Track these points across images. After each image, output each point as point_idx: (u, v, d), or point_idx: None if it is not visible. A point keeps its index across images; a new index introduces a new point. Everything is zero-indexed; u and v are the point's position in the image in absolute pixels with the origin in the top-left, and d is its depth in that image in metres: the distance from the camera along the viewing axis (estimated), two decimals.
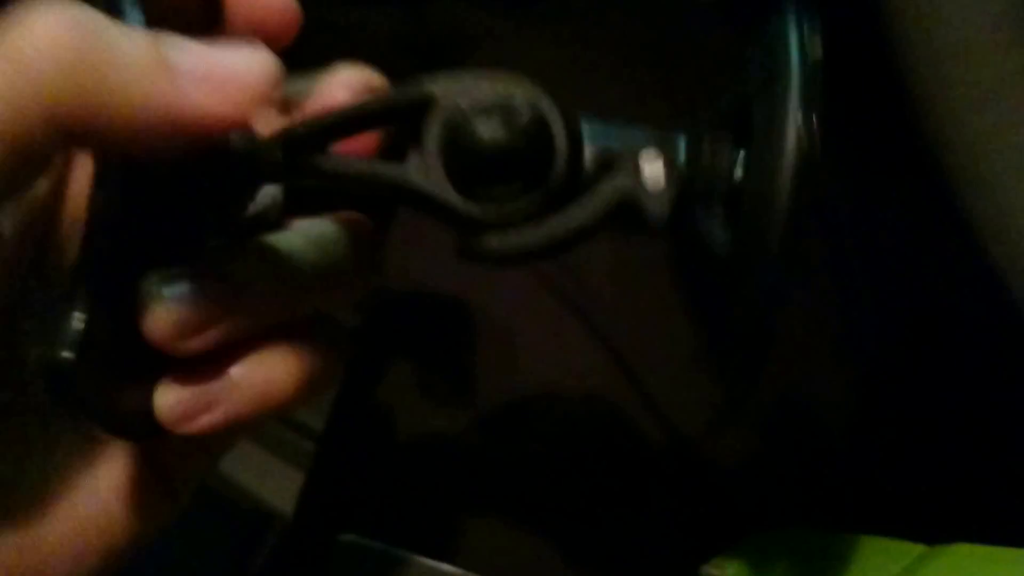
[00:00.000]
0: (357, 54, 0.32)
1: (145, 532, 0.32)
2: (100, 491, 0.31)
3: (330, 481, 0.50)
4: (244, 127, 0.25)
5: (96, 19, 0.24)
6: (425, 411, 0.49)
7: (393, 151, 0.30)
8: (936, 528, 0.38)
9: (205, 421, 0.29)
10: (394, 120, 0.30)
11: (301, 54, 0.30)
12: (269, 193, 0.33)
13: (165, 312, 0.28)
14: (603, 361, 0.48)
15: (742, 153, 0.28)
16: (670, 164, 0.29)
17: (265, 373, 0.29)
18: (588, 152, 0.29)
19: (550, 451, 0.47)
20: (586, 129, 0.29)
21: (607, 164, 0.29)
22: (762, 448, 0.47)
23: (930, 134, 0.39)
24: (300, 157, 0.29)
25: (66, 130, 0.24)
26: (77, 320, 0.26)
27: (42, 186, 0.30)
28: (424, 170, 0.29)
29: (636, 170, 0.29)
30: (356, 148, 0.31)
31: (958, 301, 0.49)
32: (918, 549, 0.38)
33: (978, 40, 0.37)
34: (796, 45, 0.27)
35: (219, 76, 0.24)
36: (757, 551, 0.43)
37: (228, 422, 0.29)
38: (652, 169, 0.29)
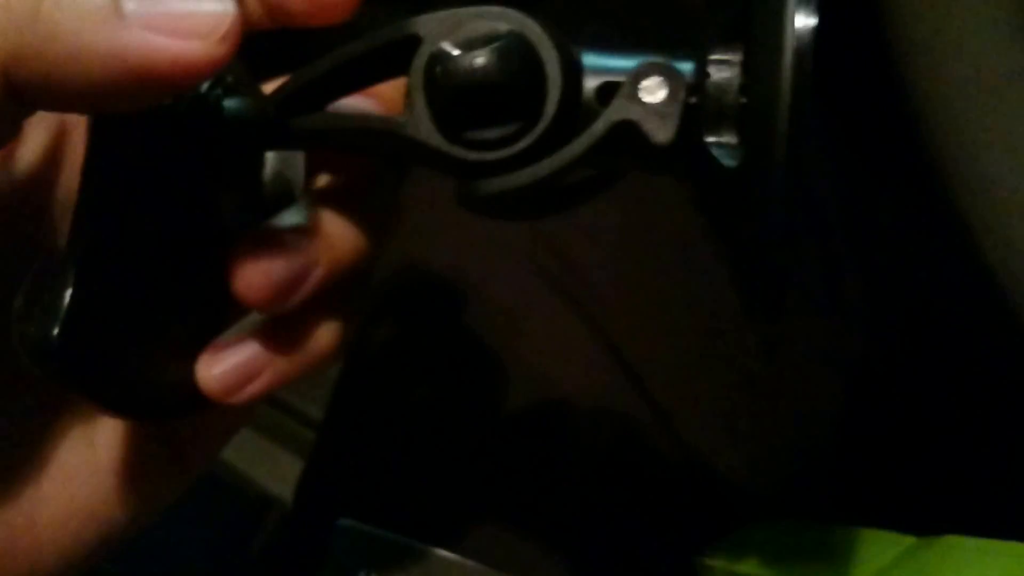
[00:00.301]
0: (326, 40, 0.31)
1: (147, 512, 0.31)
2: (100, 472, 0.30)
3: (329, 467, 0.50)
4: (205, 70, 0.24)
5: None
6: (423, 400, 0.49)
7: None
8: (926, 520, 0.38)
9: (252, 389, 0.29)
10: (384, 66, 0.28)
11: (301, 58, 0.29)
12: (288, 165, 0.32)
13: (265, 270, 0.28)
14: (601, 355, 0.48)
15: None
16: (674, 86, 0.26)
17: (312, 337, 0.30)
18: (589, 84, 0.27)
19: (546, 442, 0.47)
20: (586, 60, 0.28)
21: (609, 95, 0.27)
22: (754, 442, 0.48)
23: (927, 135, 0.38)
24: (294, 117, 0.29)
25: (16, 88, 0.23)
26: (65, 296, 0.26)
27: (33, 164, 0.30)
28: (412, 117, 0.27)
29: (637, 95, 0.26)
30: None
31: (948, 299, 0.49)
32: (908, 540, 0.38)
33: (977, 40, 0.37)
34: None
35: (171, 16, 0.23)
36: (749, 543, 0.43)
37: (271, 388, 0.29)
38: (654, 92, 0.26)
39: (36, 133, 0.30)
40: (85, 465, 0.30)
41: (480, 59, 0.26)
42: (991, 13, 0.37)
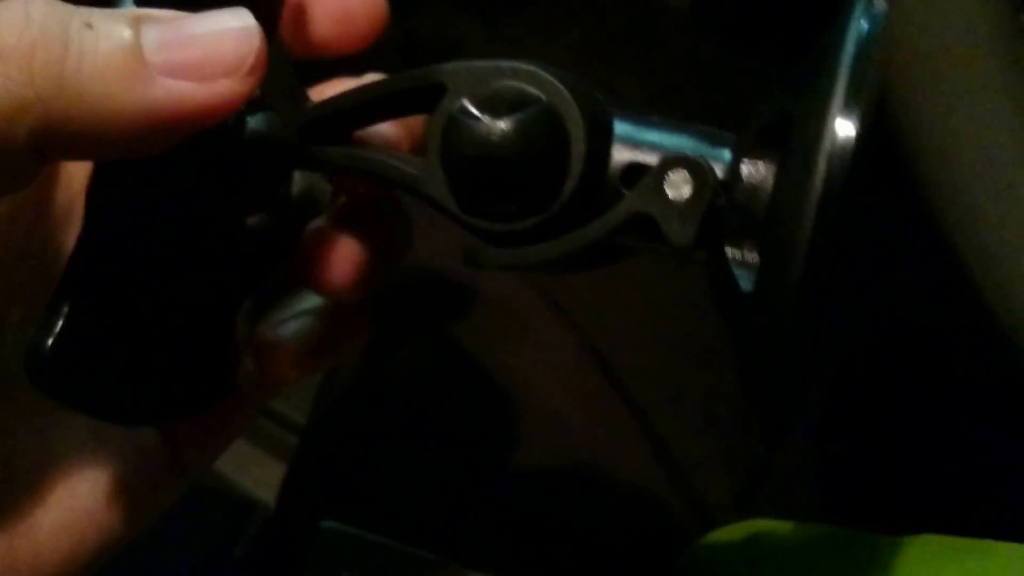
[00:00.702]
0: (341, 58, 0.31)
1: (146, 518, 0.31)
2: (100, 480, 0.30)
3: (312, 470, 0.50)
4: (235, 106, 0.23)
5: (60, 19, 0.22)
6: (406, 403, 0.49)
7: None
8: (903, 519, 0.38)
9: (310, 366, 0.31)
10: (408, 107, 0.27)
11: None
12: (318, 178, 0.32)
13: (353, 259, 0.29)
14: (584, 360, 0.49)
15: None
16: (700, 185, 0.24)
17: (353, 326, 0.32)
18: (617, 158, 0.26)
19: (529, 445, 0.47)
20: (619, 128, 0.26)
21: (634, 179, 0.25)
22: (732, 441, 0.48)
23: (901, 137, 0.39)
24: (315, 145, 0.28)
25: (44, 149, 0.22)
26: (62, 310, 0.25)
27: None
28: (428, 173, 0.26)
29: (661, 188, 0.24)
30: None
31: (924, 301, 0.49)
32: (885, 540, 0.38)
33: (950, 42, 0.37)
34: (852, 37, 0.22)
35: (195, 56, 0.23)
36: (728, 543, 0.43)
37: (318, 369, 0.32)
38: (679, 188, 0.24)
39: None
40: (86, 470, 0.30)
41: (498, 132, 0.24)
42: (965, 18, 0.37)
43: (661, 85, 0.54)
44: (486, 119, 0.25)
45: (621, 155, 0.26)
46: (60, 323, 0.25)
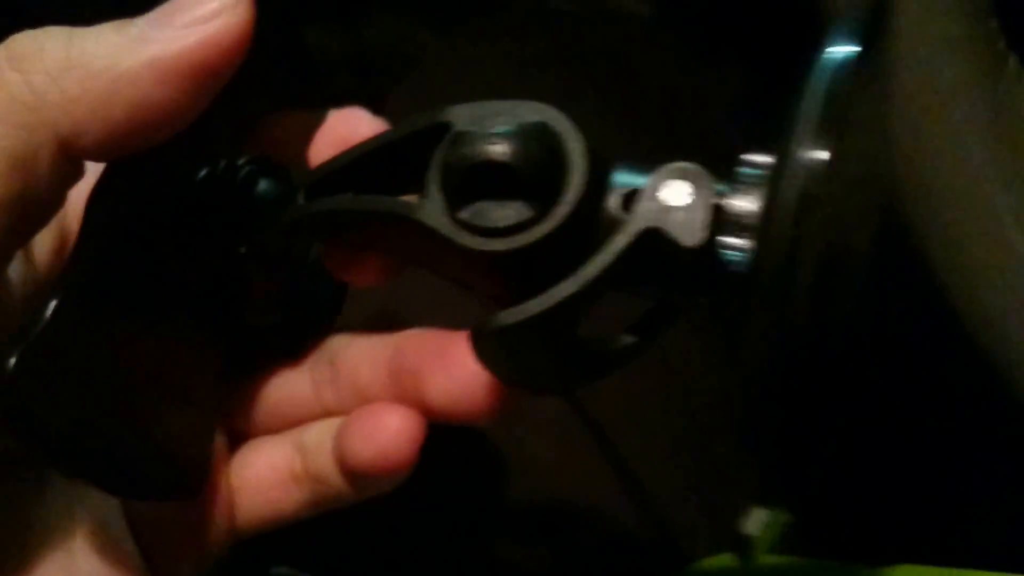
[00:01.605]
0: (295, 72, 0.32)
1: None
2: None
3: None
4: (237, 37, 0.25)
5: (65, 28, 0.25)
6: None
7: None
8: (880, 549, 0.38)
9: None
10: (414, 153, 0.28)
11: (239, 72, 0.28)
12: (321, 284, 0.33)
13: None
14: (557, 399, 0.47)
15: None
16: (698, 186, 0.25)
17: None
18: (614, 197, 0.27)
19: (496, 485, 0.46)
20: (615, 177, 0.27)
21: (632, 202, 0.26)
22: (707, 477, 0.47)
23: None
24: (321, 199, 0.29)
25: (77, 144, 0.25)
26: (36, 327, 0.24)
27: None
28: (425, 201, 0.27)
29: (660, 199, 0.25)
30: None
31: (905, 327, 0.49)
32: (860, 570, 0.38)
33: (925, 49, 0.37)
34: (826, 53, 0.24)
35: (187, 14, 0.25)
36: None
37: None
38: (680, 194, 0.25)
39: None
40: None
41: (499, 138, 0.26)
42: (940, 22, 0.37)
43: (621, 94, 0.53)
44: (488, 134, 0.26)
45: (619, 191, 0.27)
46: (31, 339, 0.24)
